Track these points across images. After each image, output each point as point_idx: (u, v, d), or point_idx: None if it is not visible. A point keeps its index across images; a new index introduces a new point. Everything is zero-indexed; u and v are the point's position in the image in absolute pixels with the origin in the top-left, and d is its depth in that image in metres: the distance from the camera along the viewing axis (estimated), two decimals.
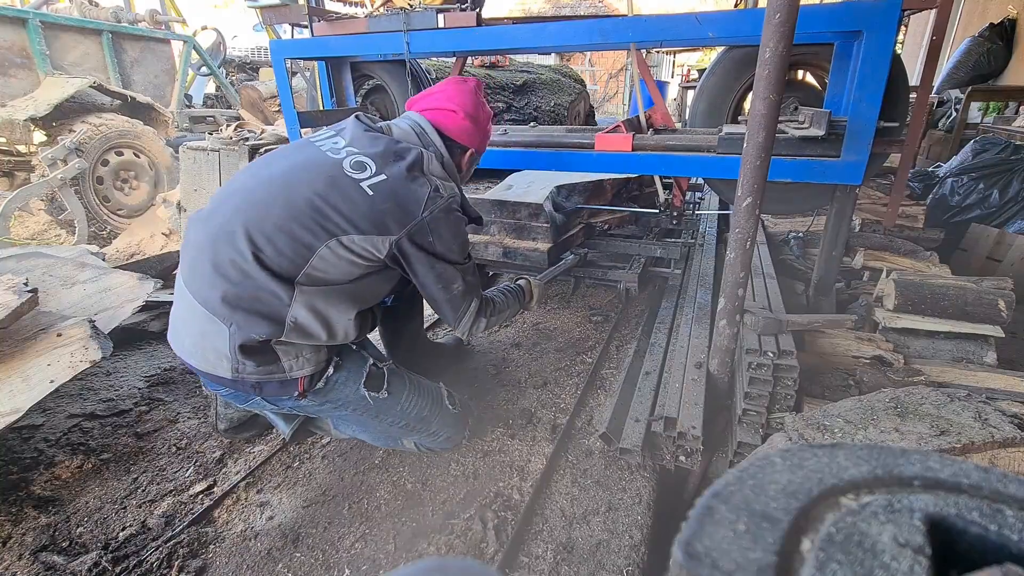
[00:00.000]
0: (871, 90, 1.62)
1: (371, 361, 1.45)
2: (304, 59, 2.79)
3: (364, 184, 1.25)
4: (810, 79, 2.56)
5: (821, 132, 1.60)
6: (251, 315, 1.21)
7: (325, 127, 1.46)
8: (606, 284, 2.68)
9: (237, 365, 1.24)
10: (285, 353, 1.28)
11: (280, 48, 2.55)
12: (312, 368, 1.32)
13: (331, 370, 1.37)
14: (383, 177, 1.27)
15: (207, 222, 1.28)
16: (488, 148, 2.44)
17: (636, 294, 2.54)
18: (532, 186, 2.63)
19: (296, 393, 1.33)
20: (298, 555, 1.33)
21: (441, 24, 2.16)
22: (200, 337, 1.26)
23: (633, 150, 2.03)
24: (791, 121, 1.72)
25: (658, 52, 13.32)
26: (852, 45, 1.71)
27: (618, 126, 2.13)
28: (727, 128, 1.93)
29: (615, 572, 1.25)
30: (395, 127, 1.45)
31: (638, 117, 2.22)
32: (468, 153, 1.54)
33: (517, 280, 1.86)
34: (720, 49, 2.26)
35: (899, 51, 1.74)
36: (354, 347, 1.46)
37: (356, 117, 1.44)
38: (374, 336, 1.91)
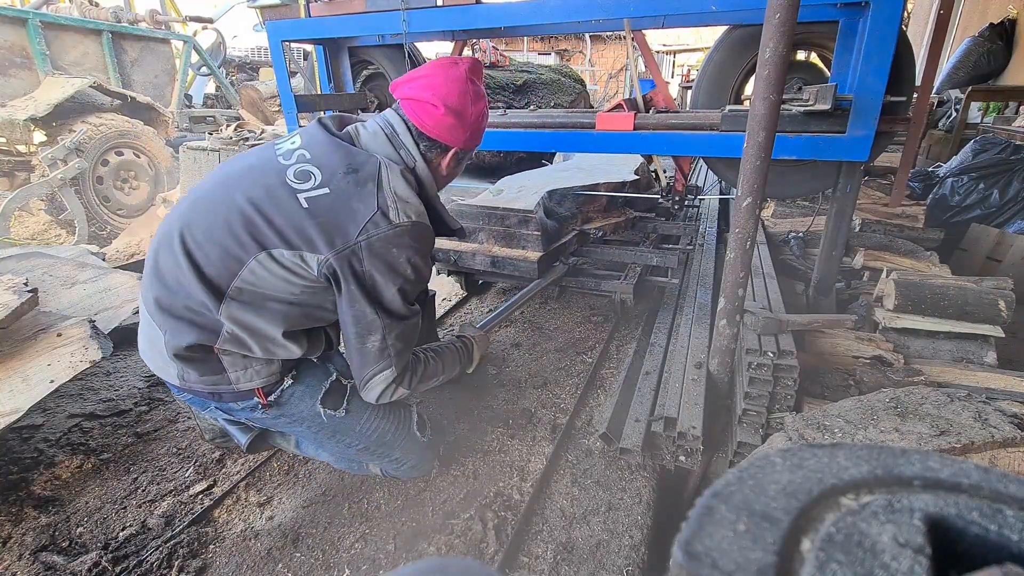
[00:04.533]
0: (878, 63, 1.60)
1: (334, 375, 1.34)
2: (301, 41, 2.76)
3: (302, 196, 1.13)
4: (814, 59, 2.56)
5: (827, 106, 1.59)
6: (180, 322, 1.14)
7: (298, 128, 1.33)
8: (599, 294, 2.53)
9: (180, 372, 1.19)
10: (231, 364, 1.19)
11: (277, 30, 2.54)
12: (263, 380, 1.23)
13: (287, 382, 1.27)
14: (325, 191, 1.14)
15: (162, 224, 1.21)
16: (489, 130, 2.42)
17: (632, 305, 2.40)
18: (524, 191, 2.51)
19: (253, 403, 1.26)
20: (298, 555, 1.33)
21: (440, 2, 2.16)
22: (148, 342, 1.23)
23: (635, 129, 2.03)
24: (795, 100, 1.71)
25: (658, 52, 13.32)
26: (857, 22, 1.70)
27: (619, 104, 2.12)
28: (730, 107, 1.92)
29: (615, 572, 1.25)
30: (362, 130, 1.29)
31: (636, 98, 2.21)
32: (451, 153, 1.33)
33: (459, 335, 1.66)
34: (723, 30, 2.26)
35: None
36: (316, 360, 1.34)
37: (319, 121, 1.28)
38: None
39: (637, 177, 2.88)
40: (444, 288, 2.93)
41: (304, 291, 1.17)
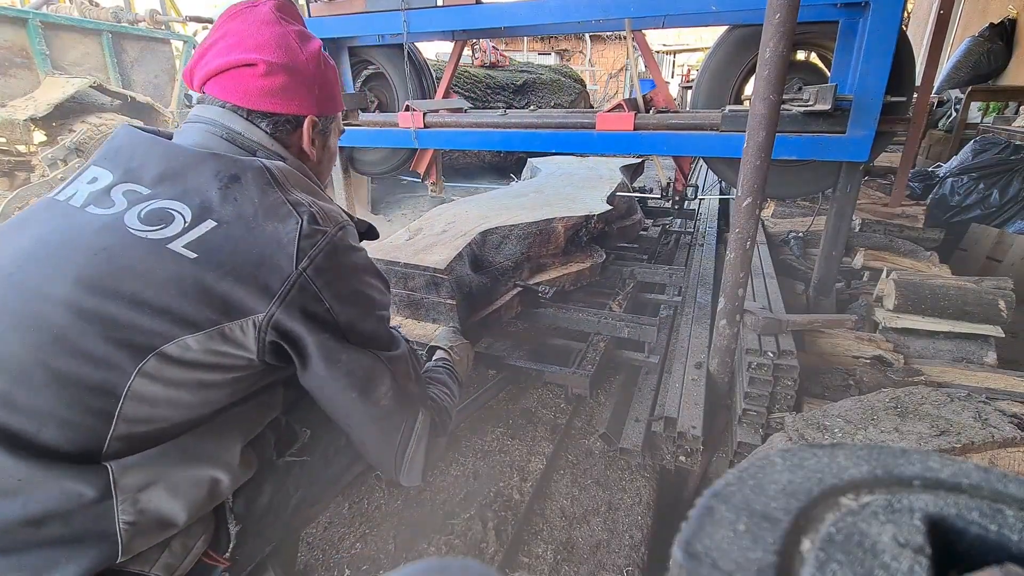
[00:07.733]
0: (878, 63, 1.61)
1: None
2: None
3: (178, 244, 0.72)
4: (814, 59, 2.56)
5: (827, 106, 1.60)
6: (40, 553, 0.63)
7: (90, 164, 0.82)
8: (544, 384, 1.89)
9: None
10: (144, 560, 0.72)
11: None
12: (205, 537, 0.80)
13: (230, 500, 0.84)
14: (211, 224, 0.74)
15: None
16: (489, 130, 2.46)
17: (588, 397, 1.81)
18: (449, 231, 1.91)
19: None
20: (299, 555, 1.33)
21: (440, 2, 2.18)
22: None
23: (635, 129, 2.03)
24: (795, 100, 1.72)
25: (658, 52, 13.35)
26: (857, 22, 1.70)
27: (619, 104, 2.12)
28: (730, 107, 1.93)
29: (615, 572, 1.25)
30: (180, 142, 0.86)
31: (636, 98, 2.21)
32: (305, 126, 0.94)
33: (435, 355, 1.35)
34: (723, 30, 2.26)
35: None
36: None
37: (131, 130, 0.85)
38: None
39: (611, 207, 2.35)
40: None
41: (230, 396, 0.78)
